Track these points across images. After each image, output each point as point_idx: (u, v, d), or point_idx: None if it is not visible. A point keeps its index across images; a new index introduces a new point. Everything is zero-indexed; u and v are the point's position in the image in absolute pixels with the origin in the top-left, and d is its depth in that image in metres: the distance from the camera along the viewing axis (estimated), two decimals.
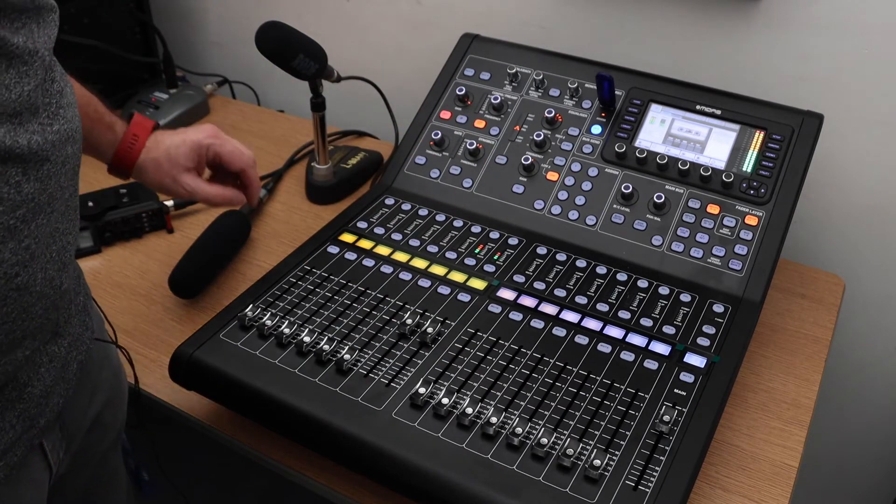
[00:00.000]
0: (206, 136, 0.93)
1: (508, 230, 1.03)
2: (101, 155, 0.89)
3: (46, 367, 0.67)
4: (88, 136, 0.82)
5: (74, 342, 0.72)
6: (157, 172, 0.90)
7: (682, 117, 1.06)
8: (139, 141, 0.89)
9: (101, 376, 0.81)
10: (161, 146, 0.90)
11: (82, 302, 0.76)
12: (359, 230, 1.03)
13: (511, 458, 0.74)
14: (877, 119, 1.12)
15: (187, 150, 0.91)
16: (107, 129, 0.88)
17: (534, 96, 1.12)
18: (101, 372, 0.81)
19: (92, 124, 0.85)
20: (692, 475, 0.73)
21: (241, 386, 0.82)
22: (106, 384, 0.82)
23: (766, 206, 0.98)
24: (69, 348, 0.70)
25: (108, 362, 0.84)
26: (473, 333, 0.87)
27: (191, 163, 0.91)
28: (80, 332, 0.73)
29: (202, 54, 1.71)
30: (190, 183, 0.92)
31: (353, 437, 0.76)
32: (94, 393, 0.79)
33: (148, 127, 0.91)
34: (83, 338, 0.74)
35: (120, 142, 0.88)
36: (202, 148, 0.92)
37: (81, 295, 0.76)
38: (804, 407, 0.92)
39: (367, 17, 1.45)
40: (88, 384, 0.78)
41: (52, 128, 0.59)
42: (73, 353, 0.71)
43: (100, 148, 0.88)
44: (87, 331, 0.75)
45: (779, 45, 1.13)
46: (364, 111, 1.43)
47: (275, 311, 0.89)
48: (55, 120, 0.59)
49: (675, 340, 0.87)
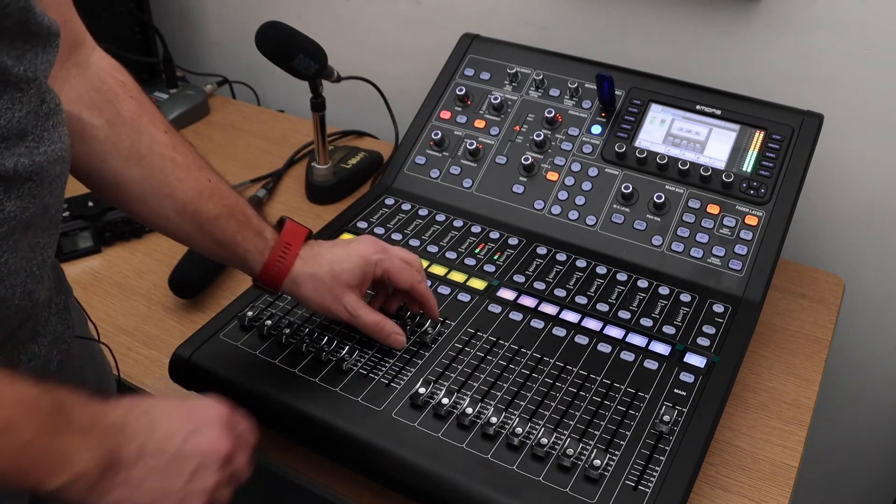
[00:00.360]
0: (374, 251, 0.82)
1: (508, 230, 1.03)
2: (248, 265, 0.79)
3: (25, 366, 0.66)
4: (233, 241, 0.77)
5: (54, 340, 0.70)
6: (316, 289, 0.79)
7: (682, 117, 1.06)
8: (291, 250, 0.79)
9: (85, 373, 0.80)
10: (322, 259, 0.80)
11: (63, 300, 0.74)
12: (359, 230, 1.03)
13: (511, 458, 0.74)
14: (877, 119, 1.12)
15: (354, 267, 0.80)
16: (255, 236, 0.78)
17: (534, 96, 1.12)
18: (84, 369, 0.80)
19: (237, 226, 0.77)
20: (692, 475, 0.73)
21: (240, 386, 0.82)
22: (90, 381, 0.81)
23: (766, 206, 0.98)
24: (49, 347, 0.69)
25: (91, 360, 0.82)
26: (473, 333, 0.87)
27: (356, 281, 0.80)
28: (60, 331, 0.72)
29: (202, 54, 1.71)
30: (354, 305, 0.80)
31: (353, 437, 0.76)
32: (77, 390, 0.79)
33: (301, 235, 0.80)
34: (63, 336, 0.72)
35: (270, 251, 0.78)
36: (370, 265, 0.81)
37: (62, 293, 0.75)
38: (804, 407, 0.92)
39: (367, 17, 1.45)
40: (70, 382, 0.76)
41: (39, 150, 0.57)
42: (52, 353, 0.70)
43: (247, 257, 0.78)
44: (68, 329, 0.74)
45: (779, 44, 1.13)
46: (364, 111, 1.43)
47: (275, 311, 0.89)
48: (42, 142, 0.57)
49: (675, 340, 0.87)
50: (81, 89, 0.72)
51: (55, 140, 0.59)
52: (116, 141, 0.72)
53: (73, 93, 0.71)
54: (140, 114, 0.74)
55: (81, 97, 0.71)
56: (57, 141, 0.59)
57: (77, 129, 0.71)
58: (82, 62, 0.72)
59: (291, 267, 0.79)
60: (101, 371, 0.85)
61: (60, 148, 0.60)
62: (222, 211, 0.76)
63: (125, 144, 0.72)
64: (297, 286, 0.79)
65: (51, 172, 0.59)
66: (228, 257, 0.79)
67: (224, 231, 0.77)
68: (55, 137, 0.59)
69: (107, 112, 0.72)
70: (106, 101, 0.73)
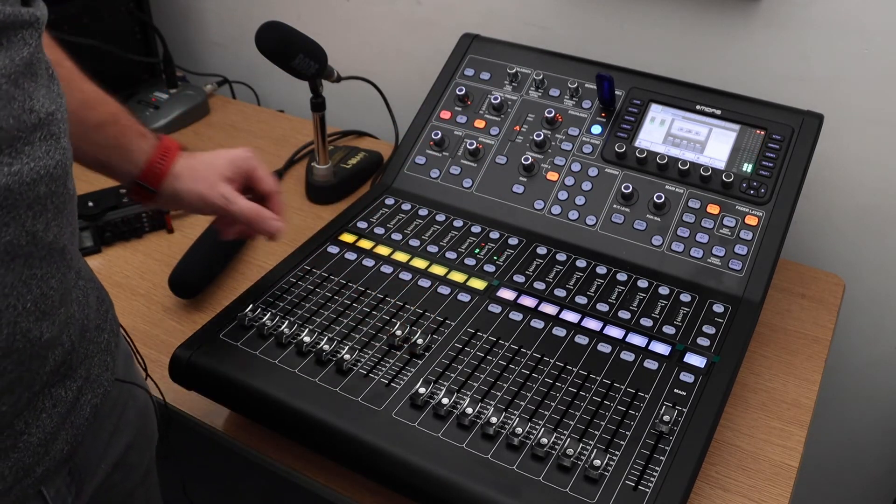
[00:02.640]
0: (244, 152, 0.89)
1: (508, 230, 1.03)
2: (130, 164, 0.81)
3: (49, 413, 0.61)
4: (118, 144, 0.79)
5: (90, 385, 0.66)
6: (193, 178, 0.84)
7: (682, 117, 1.06)
8: (172, 152, 0.84)
9: (125, 418, 0.75)
10: (198, 157, 0.86)
11: (106, 340, 0.70)
12: (359, 230, 1.03)
13: (511, 458, 0.74)
14: (877, 119, 1.12)
15: (227, 161, 0.87)
16: (138, 137, 0.82)
17: (534, 96, 1.12)
18: (125, 413, 0.75)
19: (120, 130, 0.80)
20: (692, 475, 0.73)
21: (241, 386, 0.82)
22: (130, 426, 0.76)
23: (766, 206, 0.98)
24: (79, 392, 0.65)
25: (133, 402, 0.77)
26: (473, 333, 0.87)
27: (230, 172, 0.86)
28: (98, 374, 0.68)
29: (202, 54, 1.71)
30: (229, 193, 0.85)
31: (353, 437, 0.76)
32: (114, 435, 0.74)
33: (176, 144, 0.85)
34: (101, 380, 0.68)
35: (152, 149, 0.82)
36: (243, 161, 0.88)
37: (107, 332, 0.70)
38: (804, 407, 0.92)
39: (367, 17, 1.45)
40: (108, 426, 0.72)
41: (11, 168, 0.50)
42: (86, 397, 0.66)
43: (130, 157, 0.81)
44: (107, 371, 0.70)
45: (779, 44, 1.13)
46: (364, 111, 1.43)
47: (275, 312, 0.89)
48: (17, 159, 0.50)
49: (675, 340, 0.87)
50: None
51: (39, 157, 0.52)
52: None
53: None
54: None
55: None
56: (42, 157, 0.53)
57: None
58: None
59: (171, 159, 0.83)
60: (143, 415, 0.80)
61: (47, 165, 0.53)
62: (106, 118, 0.78)
63: None
64: (175, 179, 0.83)
65: (29, 194, 0.52)
66: (111, 161, 0.80)
67: (108, 135, 0.79)
68: (40, 153, 0.53)
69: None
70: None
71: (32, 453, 0.61)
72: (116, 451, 0.74)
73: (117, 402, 0.73)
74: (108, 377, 0.70)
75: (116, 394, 0.73)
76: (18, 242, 0.52)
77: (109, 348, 0.71)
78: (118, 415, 0.74)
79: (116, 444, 0.74)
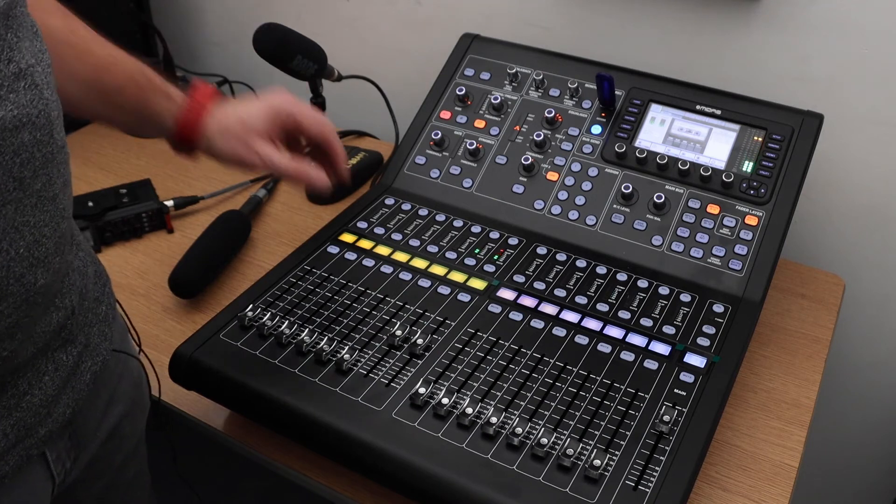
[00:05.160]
0: (282, 101, 0.81)
1: (508, 230, 1.03)
2: (161, 128, 0.79)
3: (51, 376, 0.64)
4: (142, 107, 0.77)
5: (89, 352, 0.69)
6: (226, 140, 0.79)
7: (682, 117, 1.06)
8: (202, 106, 0.79)
9: (120, 388, 0.78)
10: (230, 111, 0.80)
11: (104, 311, 0.73)
12: (359, 230, 1.03)
13: (511, 458, 0.74)
14: (877, 119, 1.12)
15: (262, 115, 0.80)
16: (163, 98, 0.78)
17: (534, 96, 1.12)
18: (120, 383, 0.78)
19: (141, 92, 0.77)
20: (692, 475, 0.73)
21: (241, 386, 0.82)
22: (125, 396, 0.79)
23: (766, 206, 0.98)
24: (79, 357, 0.68)
25: (127, 373, 0.80)
26: (473, 333, 0.87)
27: (265, 126, 0.80)
28: (97, 343, 0.71)
29: (202, 54, 1.71)
30: (267, 151, 0.79)
31: (353, 437, 0.76)
32: (110, 404, 0.77)
33: (208, 91, 0.80)
34: (100, 348, 0.71)
35: (179, 109, 0.79)
36: (280, 113, 0.80)
37: (105, 304, 0.73)
38: (804, 407, 0.92)
39: (367, 17, 1.45)
40: (104, 395, 0.75)
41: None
42: (86, 363, 0.69)
43: (157, 119, 0.78)
44: (106, 341, 0.72)
45: (779, 45, 1.13)
46: (364, 111, 1.43)
47: (275, 311, 0.89)
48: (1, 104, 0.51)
49: (675, 340, 0.87)
50: None
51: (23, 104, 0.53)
52: None
53: None
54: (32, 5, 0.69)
55: None
56: (25, 105, 0.53)
57: None
58: None
59: (200, 122, 0.79)
60: (137, 386, 0.82)
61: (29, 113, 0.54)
62: (125, 81, 0.76)
63: None
64: (210, 141, 0.80)
65: (13, 141, 0.53)
66: (143, 125, 0.79)
67: (130, 98, 0.77)
68: (24, 101, 0.53)
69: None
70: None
71: (35, 413, 0.63)
72: (112, 419, 0.77)
73: (113, 372, 0.76)
74: (106, 346, 0.72)
75: (113, 364, 0.76)
76: (6, 188, 0.53)
77: (107, 319, 0.73)
78: (114, 384, 0.77)
79: (112, 413, 0.77)
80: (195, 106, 0.79)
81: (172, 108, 0.79)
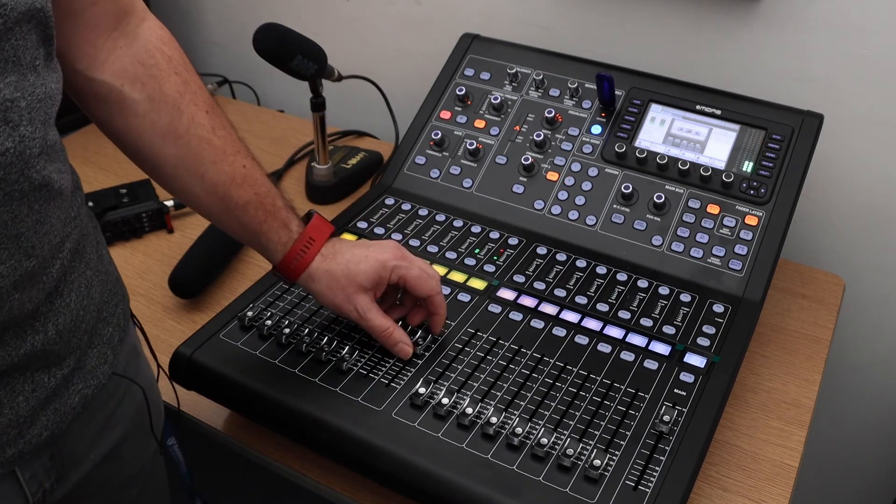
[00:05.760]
0: (393, 256, 0.81)
1: (508, 230, 1.03)
2: (270, 253, 0.80)
3: (26, 397, 0.61)
4: (259, 230, 0.78)
5: (82, 374, 0.67)
6: (329, 286, 0.79)
7: (682, 117, 1.06)
8: (313, 246, 0.80)
9: (119, 411, 0.74)
10: (340, 258, 0.80)
11: (110, 333, 0.71)
12: (359, 230, 1.03)
13: (511, 458, 0.74)
14: (877, 119, 1.12)
15: (369, 270, 0.79)
16: (281, 227, 0.79)
17: (534, 96, 1.12)
18: (120, 407, 0.75)
19: (264, 216, 0.78)
20: (692, 475, 0.73)
21: (241, 386, 0.82)
22: (125, 419, 0.76)
23: (766, 206, 0.98)
24: (66, 379, 0.65)
25: (130, 398, 0.76)
26: (473, 333, 0.87)
27: (370, 283, 0.80)
28: (94, 366, 0.68)
29: (202, 54, 1.71)
30: (364, 307, 0.80)
31: (353, 437, 0.76)
32: (106, 427, 0.73)
33: (326, 232, 0.82)
34: (97, 371, 0.68)
35: (293, 243, 0.79)
36: (386, 270, 0.81)
37: (112, 326, 0.71)
38: (804, 407, 0.92)
39: (367, 17, 1.45)
40: (100, 417, 0.72)
41: None
42: (76, 386, 0.66)
43: (269, 246, 0.79)
44: (105, 364, 0.70)
45: (778, 45, 1.13)
46: (364, 111, 1.43)
47: (275, 311, 0.89)
48: None
49: (675, 340, 0.87)
50: (126, 61, 0.70)
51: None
52: (155, 118, 0.71)
53: (118, 64, 0.69)
54: (183, 92, 0.73)
55: (125, 70, 0.70)
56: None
57: (118, 102, 0.70)
58: (130, 33, 0.71)
59: (310, 262, 0.80)
60: (142, 411, 0.79)
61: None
62: (252, 199, 0.76)
63: (164, 122, 0.71)
64: (312, 281, 0.80)
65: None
66: (252, 243, 0.80)
67: (251, 218, 0.77)
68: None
69: (149, 87, 0.71)
70: (150, 76, 0.71)
71: (2, 433, 0.60)
72: (107, 443, 0.74)
73: (113, 395, 0.73)
74: (105, 370, 0.70)
75: (113, 387, 0.73)
76: None
77: (112, 342, 0.71)
78: (112, 407, 0.74)
79: (108, 436, 0.74)
80: (307, 245, 0.80)
81: (287, 241, 0.79)
